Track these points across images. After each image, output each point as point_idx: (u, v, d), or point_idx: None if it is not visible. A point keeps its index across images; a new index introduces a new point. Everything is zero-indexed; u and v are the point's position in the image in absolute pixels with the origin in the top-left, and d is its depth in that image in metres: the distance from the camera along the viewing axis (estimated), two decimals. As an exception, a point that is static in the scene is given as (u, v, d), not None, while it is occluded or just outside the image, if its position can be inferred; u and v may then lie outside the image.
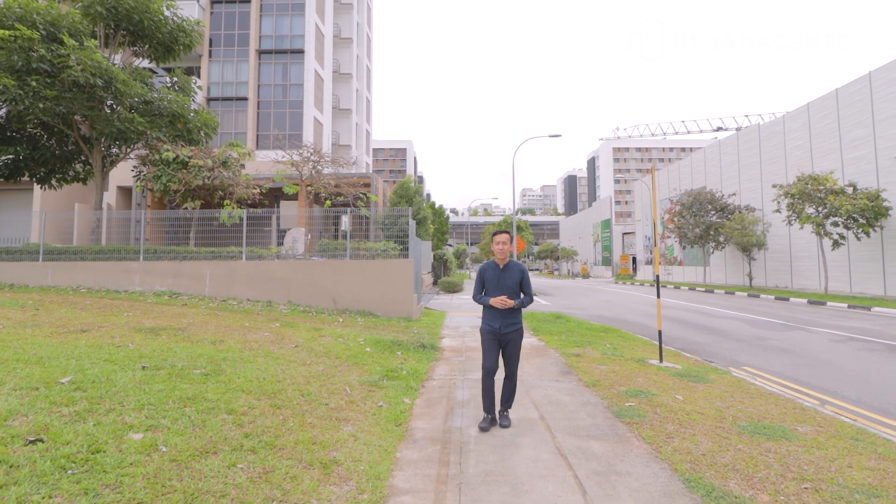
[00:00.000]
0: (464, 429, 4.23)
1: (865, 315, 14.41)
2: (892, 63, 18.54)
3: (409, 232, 12.82)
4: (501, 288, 4.17)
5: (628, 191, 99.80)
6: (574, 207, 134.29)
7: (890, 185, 18.42)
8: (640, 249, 48.23)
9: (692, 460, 3.55)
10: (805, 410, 5.00)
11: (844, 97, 20.88)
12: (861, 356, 8.36)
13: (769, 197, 24.39)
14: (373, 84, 50.55)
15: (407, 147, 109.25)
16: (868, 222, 18.01)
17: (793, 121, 24.40)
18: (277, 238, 20.54)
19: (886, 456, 3.70)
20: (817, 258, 21.75)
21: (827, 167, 21.23)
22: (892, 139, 18.52)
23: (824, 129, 22.10)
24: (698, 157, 35.12)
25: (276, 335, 7.54)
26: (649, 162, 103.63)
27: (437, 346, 8.27)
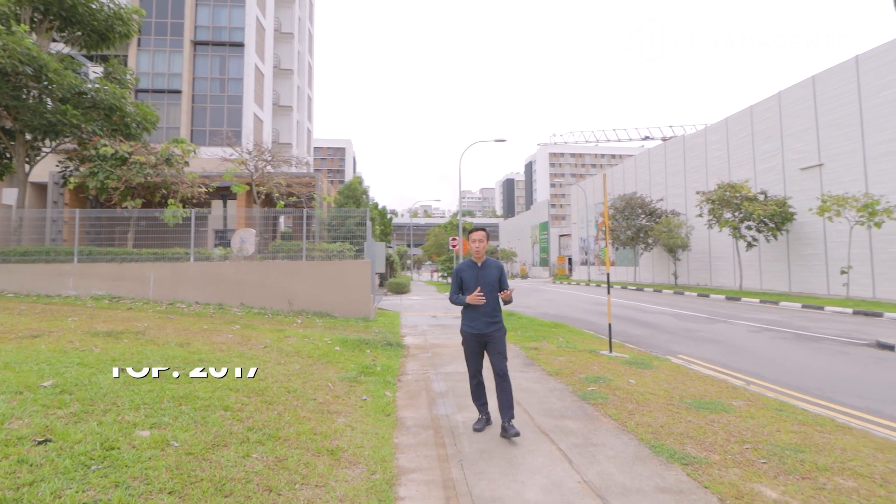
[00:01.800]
0: (450, 416, 4.54)
1: (775, 309, 16.23)
2: (799, 84, 20.98)
3: (365, 233, 12.91)
4: (482, 286, 4.01)
5: (563, 194, 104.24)
6: (512, 210, 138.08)
7: (795, 193, 20.82)
8: (576, 251, 50.71)
9: (653, 431, 4.08)
10: (736, 389, 5.76)
11: (758, 113, 23.33)
12: (775, 344, 9.54)
13: (692, 202, 26.64)
14: (314, 81, 49.53)
15: (346, 146, 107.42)
16: (776, 226, 20.27)
17: (713, 133, 26.85)
18: (215, 239, 19.76)
19: (805, 422, 4.43)
20: (733, 258, 24.06)
21: (742, 176, 23.58)
22: (798, 152, 20.97)
23: (740, 141, 24.54)
24: (630, 164, 37.56)
25: (240, 337, 7.46)
26: (583, 167, 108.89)
27: (402, 344, 8.50)
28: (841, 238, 18.39)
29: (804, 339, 9.99)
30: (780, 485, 3.11)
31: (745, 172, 23.77)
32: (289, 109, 39.86)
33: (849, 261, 17.70)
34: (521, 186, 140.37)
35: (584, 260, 47.39)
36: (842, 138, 18.82)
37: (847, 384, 6.40)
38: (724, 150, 25.87)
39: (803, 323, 12.46)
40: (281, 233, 22.57)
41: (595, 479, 3.17)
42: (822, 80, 19.78)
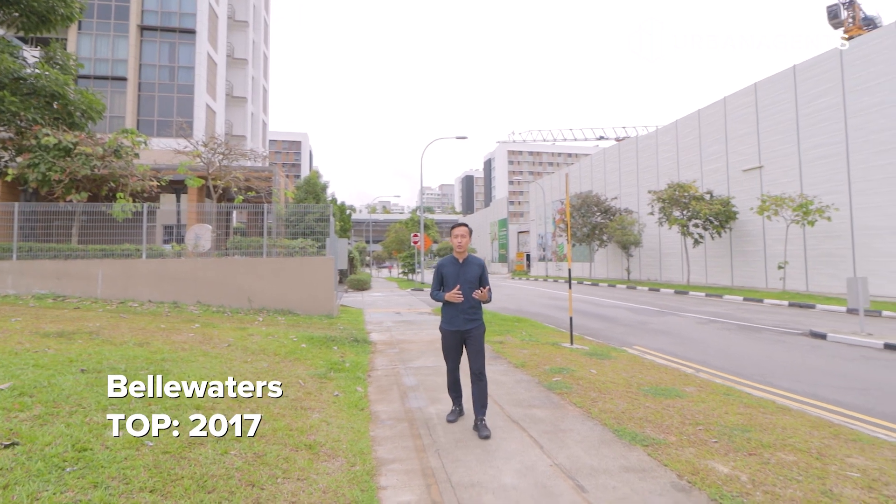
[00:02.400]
0: (422, 409, 4.64)
1: (719, 301, 17.26)
2: (742, 91, 22.29)
3: (327, 229, 12.78)
4: (462, 283, 3.94)
5: (521, 192, 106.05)
6: (471, 206, 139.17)
7: (738, 193, 22.15)
8: (534, 247, 51.78)
9: (615, 417, 4.34)
10: (687, 376, 6.17)
11: (705, 117, 24.62)
12: (720, 334, 10.20)
13: (644, 201, 27.81)
14: (270, 72, 48.10)
15: (302, 140, 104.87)
16: (721, 224, 21.51)
17: (664, 135, 28.11)
18: (164, 235, 18.94)
19: (749, 405, 4.83)
20: (681, 254, 25.33)
21: (690, 176, 24.83)
22: (741, 154, 22.30)
23: (689, 144, 25.82)
24: (586, 163, 38.72)
25: (201, 336, 7.26)
26: (540, 165, 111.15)
27: (368, 341, 8.52)
28: (778, 235, 19.75)
29: (746, 330, 10.72)
30: (731, 461, 3.41)
31: (693, 173, 25.05)
32: (243, 101, 38.56)
33: (785, 257, 19.06)
34: (480, 183, 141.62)
35: (542, 256, 48.50)
36: (780, 142, 20.20)
37: (785, 370, 6.96)
38: (673, 151, 27.15)
39: (745, 315, 13.34)
40: (234, 228, 21.90)
41: (565, 462, 3.37)
42: (763, 87, 21.12)
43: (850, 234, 17.34)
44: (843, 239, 17.57)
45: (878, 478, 3.13)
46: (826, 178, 18.10)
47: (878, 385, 6.09)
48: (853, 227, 17.23)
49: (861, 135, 16.95)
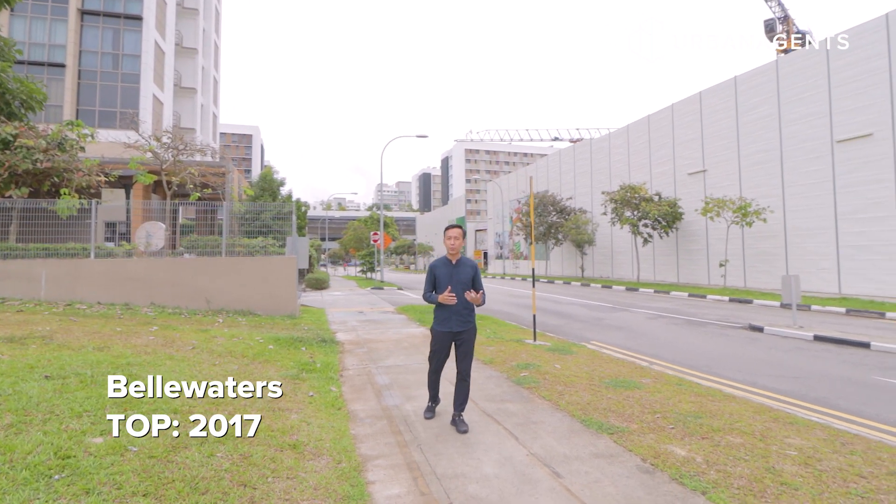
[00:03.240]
0: (399, 406, 4.77)
1: (667, 298, 18.26)
2: (689, 98, 23.61)
3: (289, 227, 12.59)
4: (455, 284, 3.94)
5: (478, 190, 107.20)
6: (428, 204, 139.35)
7: (684, 196, 23.46)
8: (491, 245, 52.61)
9: (581, 408, 4.63)
10: (643, 369, 6.60)
11: (654, 122, 25.88)
12: (670, 328, 10.87)
13: (598, 201, 28.91)
14: (221, 63, 46.35)
15: (253, 133, 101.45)
16: (668, 224, 22.73)
17: (616, 138, 29.31)
18: (106, 233, 18.02)
19: (700, 393, 5.25)
20: (632, 253, 26.54)
21: (641, 179, 26.04)
22: (687, 159, 23.63)
23: (639, 147, 27.06)
24: (542, 163, 39.73)
25: (162, 339, 7.06)
26: (497, 164, 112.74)
27: (335, 341, 8.51)
28: (720, 235, 21.09)
29: (693, 324, 11.46)
30: (687, 445, 3.75)
31: (643, 175, 26.28)
32: (192, 92, 37.00)
33: (726, 255, 20.40)
34: (437, 181, 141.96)
35: (500, 254, 49.37)
36: (721, 148, 21.57)
37: (728, 361, 7.56)
38: (625, 154, 28.36)
39: (691, 310, 14.22)
40: (181, 225, 21.03)
41: (540, 452, 3.60)
42: (707, 96, 22.46)
43: (783, 235, 18.79)
44: (777, 239, 19.01)
45: (812, 455, 3.54)
46: (762, 183, 19.51)
47: (809, 373, 6.75)
48: (786, 228, 18.68)
49: (794, 143, 18.40)
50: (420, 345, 8.23)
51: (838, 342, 8.75)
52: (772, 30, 46.85)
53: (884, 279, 15.54)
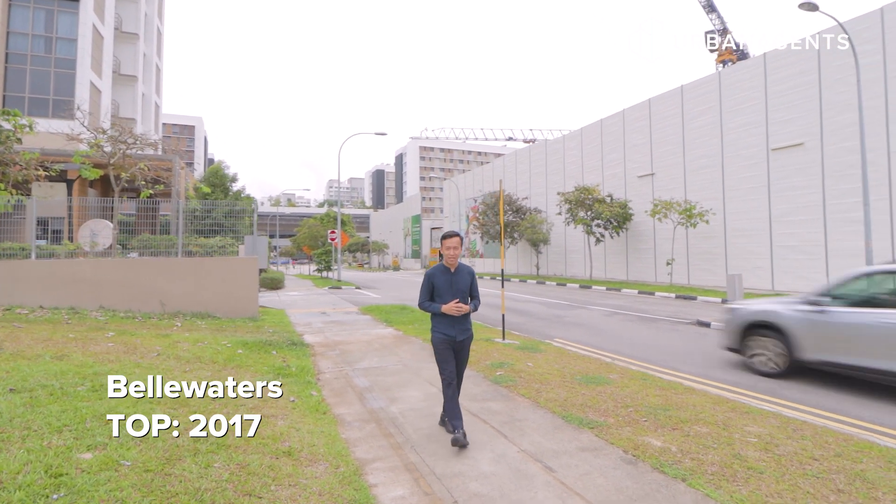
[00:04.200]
0: (385, 408, 4.82)
1: (618, 295, 19.13)
2: (639, 105, 24.76)
3: (247, 226, 12.23)
4: (455, 293, 3.92)
5: (433, 188, 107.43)
6: (382, 201, 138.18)
7: (634, 197, 24.61)
8: (448, 243, 52.96)
9: (560, 404, 4.86)
10: (608, 365, 6.95)
11: (606, 126, 26.95)
12: (626, 325, 11.44)
13: (553, 201, 29.78)
14: (164, 50, 43.96)
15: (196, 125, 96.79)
16: (619, 224, 23.78)
17: (570, 141, 30.28)
18: (37, 230, 16.79)
19: (663, 387, 5.63)
20: (584, 252, 27.55)
21: (593, 180, 27.06)
22: (637, 162, 24.80)
23: (592, 150, 28.10)
24: (499, 163, 40.40)
25: (122, 345, 6.74)
26: (451, 162, 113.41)
27: (304, 343, 8.39)
28: (667, 235, 22.31)
29: (646, 321, 12.12)
30: (661, 436, 4.04)
31: (596, 177, 27.33)
32: (132, 79, 34.88)
33: (672, 254, 21.61)
34: (391, 178, 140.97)
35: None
36: (668, 153, 22.80)
37: (682, 355, 8.09)
38: (578, 156, 29.37)
39: (642, 306, 14.99)
40: (119, 223, 19.88)
41: (530, 448, 3.78)
42: (656, 102, 23.65)
43: (723, 235, 20.14)
44: (717, 239, 20.35)
45: (770, 441, 3.92)
46: (705, 186, 20.81)
47: (754, 365, 7.33)
48: (726, 230, 20.03)
49: (733, 150, 19.74)
50: (392, 346, 8.27)
51: (777, 336, 9.53)
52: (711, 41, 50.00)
53: (811, 276, 17.00)
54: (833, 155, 16.30)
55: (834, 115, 16.23)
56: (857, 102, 13.56)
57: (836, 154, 16.17)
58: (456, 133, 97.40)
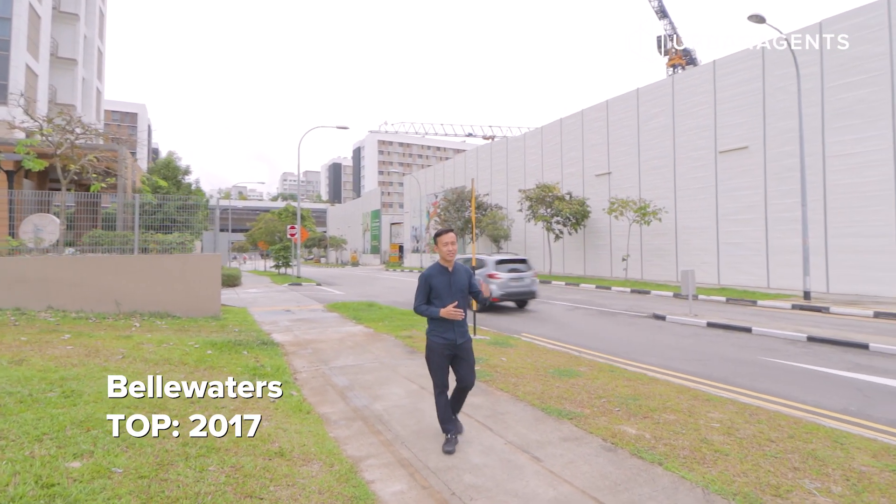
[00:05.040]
0: (369, 406, 4.87)
1: (577, 290, 19.79)
2: (597, 106, 25.56)
3: (214, 222, 11.84)
4: (454, 294, 3.72)
5: (391, 182, 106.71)
6: (339, 195, 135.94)
7: (592, 195, 25.45)
8: (408, 239, 52.85)
9: (538, 397, 5.07)
10: (577, 358, 7.26)
11: (566, 126, 27.67)
12: (588, 319, 11.90)
13: (514, 198, 30.32)
14: (107, 32, 41.38)
15: (139, 112, 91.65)
16: (577, 222, 24.54)
17: (531, 139, 30.89)
18: None
19: (630, 378, 5.95)
20: (544, 247, 28.25)
21: (553, 178, 27.75)
22: (595, 161, 25.63)
23: (552, 148, 28.78)
24: (460, 159, 40.65)
25: (83, 348, 6.43)
26: (410, 157, 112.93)
27: (274, 342, 8.26)
28: (622, 232, 23.24)
29: (606, 314, 12.64)
30: (634, 424, 4.32)
31: (555, 175, 28.04)
32: (72, 63, 32.68)
33: (627, 250, 22.54)
34: (348, 172, 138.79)
35: (416, 248, 49.78)
36: (624, 154, 23.71)
37: (643, 347, 8.53)
38: (539, 154, 30.02)
39: (601, 301, 15.61)
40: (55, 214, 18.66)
41: (515, 440, 3.95)
42: (613, 104, 24.50)
43: (674, 233, 21.19)
44: (669, 236, 21.40)
45: (731, 426, 4.26)
46: (658, 186, 21.81)
47: (709, 356, 7.86)
48: (677, 227, 21.09)
49: (684, 151, 20.79)
50: (365, 343, 8.28)
51: (726, 328, 10.22)
52: (663, 46, 52.22)
53: (754, 272, 18.22)
54: (774, 158, 17.50)
55: (776, 121, 17.41)
56: (797, 110, 14.63)
57: (778, 157, 17.37)
58: (416, 128, 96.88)
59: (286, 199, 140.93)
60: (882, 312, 11.46)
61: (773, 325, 10.13)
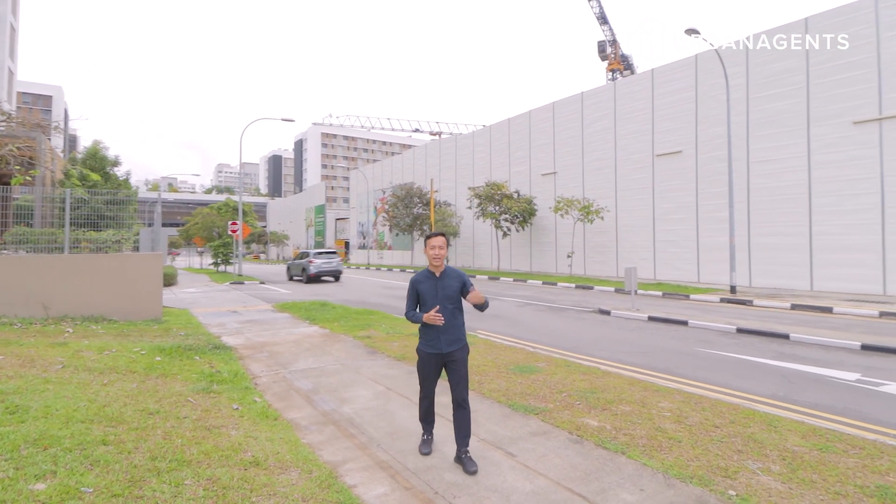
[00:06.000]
0: (338, 410, 4.85)
1: (525, 286, 20.40)
2: (544, 107, 26.33)
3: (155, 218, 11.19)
4: (441, 300, 3.59)
5: (335, 176, 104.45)
6: (279, 189, 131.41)
7: (538, 194, 26.25)
8: (354, 235, 52.11)
9: (503, 394, 5.26)
10: (534, 354, 7.54)
11: (514, 125, 28.31)
12: (538, 315, 12.33)
13: (462, 195, 30.69)
14: (21, 8, 37.59)
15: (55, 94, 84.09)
16: (525, 219, 25.24)
17: (480, 137, 31.34)
18: None
19: (586, 372, 6.29)
20: (492, 244, 28.84)
21: (501, 177, 28.33)
22: (541, 161, 26.44)
23: (500, 147, 29.36)
24: (409, 155, 40.53)
25: (15, 357, 5.93)
26: (355, 151, 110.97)
27: (227, 346, 7.95)
28: (567, 230, 24.17)
29: (555, 310, 13.15)
30: (595, 416, 4.59)
31: (503, 174, 28.66)
32: (-22, 41, 29.51)
33: (572, 248, 23.48)
34: (289, 165, 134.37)
35: (363, 244, 49.18)
36: (569, 154, 24.64)
37: (593, 342, 8.99)
38: (487, 152, 30.54)
39: (548, 297, 16.20)
40: None
41: (488, 437, 4.10)
42: (559, 106, 25.36)
43: (615, 231, 22.32)
44: (610, 234, 22.51)
45: (680, 414, 4.64)
46: (601, 186, 22.87)
47: (653, 348, 8.42)
48: (617, 225, 22.23)
49: (624, 154, 21.92)
50: (322, 345, 8.17)
51: (666, 321, 10.96)
52: (603, 50, 54.51)
53: (686, 268, 19.57)
54: (705, 163, 18.86)
55: (707, 128, 18.76)
56: (725, 118, 15.82)
57: (708, 162, 18.74)
58: (361, 121, 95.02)
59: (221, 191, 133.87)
60: (798, 305, 12.71)
61: (706, 318, 10.98)
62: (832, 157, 15.59)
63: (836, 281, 15.42)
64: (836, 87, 15.49)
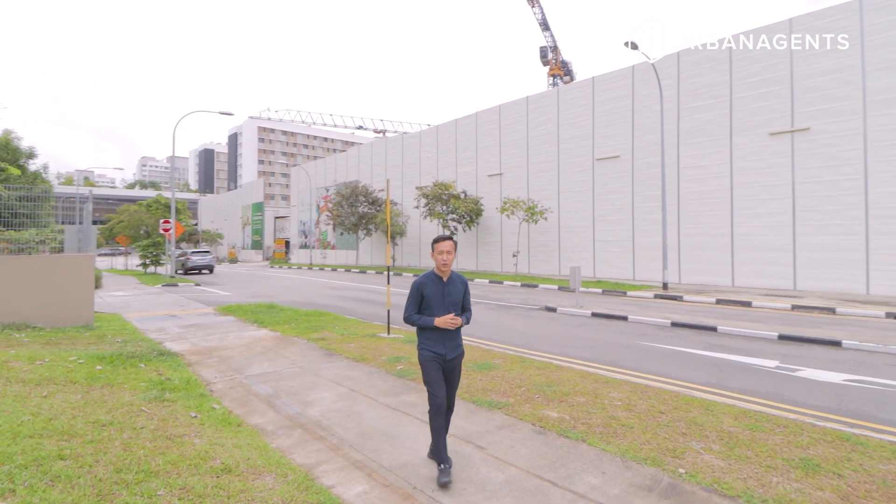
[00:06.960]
0: (303, 413, 4.82)
1: (472, 284, 20.78)
2: (490, 109, 26.92)
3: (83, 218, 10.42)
4: (448, 305, 3.51)
5: (273, 172, 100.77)
6: (211, 185, 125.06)
7: (485, 195, 26.81)
8: (295, 234, 50.61)
9: (466, 390, 5.43)
10: (489, 351, 7.80)
11: (461, 126, 28.70)
12: (488, 313, 12.68)
13: (409, 194, 30.71)
14: None
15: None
16: (472, 219, 25.70)
17: (427, 137, 31.48)
18: None
19: (541, 367, 6.60)
20: (439, 243, 29.08)
21: (448, 177, 28.65)
22: (488, 162, 27.02)
23: (447, 147, 29.67)
24: (354, 152, 39.95)
25: (-70, 371, 5.38)
26: (294, 146, 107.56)
27: (172, 352, 7.59)
28: (512, 230, 24.87)
29: (504, 308, 13.57)
30: (554, 408, 4.87)
31: (450, 174, 28.99)
32: None
33: (517, 247, 24.20)
34: (222, 159, 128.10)
35: (304, 243, 47.89)
36: (515, 156, 25.36)
37: (543, 338, 9.40)
38: (434, 152, 30.76)
39: (496, 295, 16.64)
40: None
41: (457, 432, 4.25)
42: (505, 109, 26.02)
43: (557, 231, 23.26)
44: (553, 234, 23.43)
45: (629, 403, 5.02)
46: (545, 188, 23.74)
47: (598, 342, 8.94)
48: (560, 226, 23.17)
49: (567, 157, 22.89)
50: (275, 348, 7.99)
51: (608, 317, 11.63)
52: (545, 56, 56.37)
53: (622, 266, 20.76)
54: (641, 168, 20.11)
55: (642, 135, 20.00)
56: (659, 126, 16.95)
57: (643, 167, 19.98)
58: (302, 116, 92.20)
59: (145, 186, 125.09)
60: (722, 299, 13.91)
61: (643, 313, 11.76)
62: (751, 165, 17.16)
63: (755, 277, 16.99)
64: (755, 100, 17.05)
